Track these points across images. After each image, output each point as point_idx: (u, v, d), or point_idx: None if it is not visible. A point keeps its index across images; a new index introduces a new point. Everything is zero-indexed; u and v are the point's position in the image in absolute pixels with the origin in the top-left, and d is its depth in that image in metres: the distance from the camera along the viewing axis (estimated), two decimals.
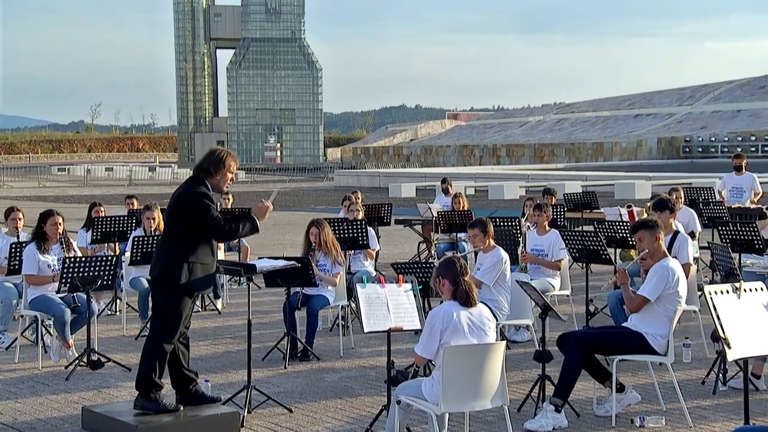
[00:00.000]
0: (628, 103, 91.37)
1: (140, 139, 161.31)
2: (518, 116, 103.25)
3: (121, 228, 12.38)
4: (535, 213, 10.79)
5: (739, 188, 16.15)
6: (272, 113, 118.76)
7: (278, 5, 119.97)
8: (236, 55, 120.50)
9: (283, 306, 9.80)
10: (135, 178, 62.96)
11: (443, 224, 14.78)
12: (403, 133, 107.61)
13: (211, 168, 7.12)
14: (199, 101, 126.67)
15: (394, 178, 45.12)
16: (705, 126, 77.12)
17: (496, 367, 5.99)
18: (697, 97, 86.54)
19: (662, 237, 7.45)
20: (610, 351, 7.32)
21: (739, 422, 7.21)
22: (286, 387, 8.49)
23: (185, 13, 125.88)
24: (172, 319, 7.04)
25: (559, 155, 71.68)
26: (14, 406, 7.93)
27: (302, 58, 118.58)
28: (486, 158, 77.04)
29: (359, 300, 6.59)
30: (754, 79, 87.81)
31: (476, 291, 6.10)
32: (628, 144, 70.92)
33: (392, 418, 6.19)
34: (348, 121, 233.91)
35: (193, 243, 6.99)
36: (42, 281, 9.40)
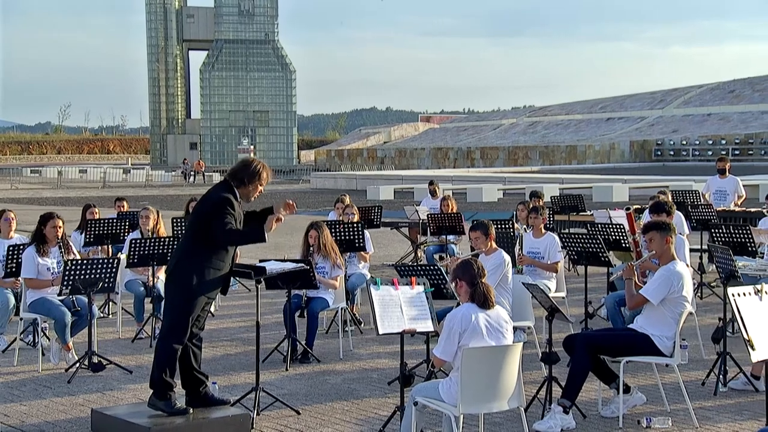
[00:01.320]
0: (600, 107, 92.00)
1: (111, 141, 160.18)
2: (491, 119, 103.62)
3: (114, 230, 12.33)
4: (532, 215, 10.87)
5: (722, 191, 16.35)
6: (245, 115, 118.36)
7: (251, 7, 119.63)
8: (209, 56, 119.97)
9: (283, 308, 9.81)
10: (109, 180, 62.54)
11: (433, 226, 14.84)
12: (376, 136, 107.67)
13: (245, 178, 7.16)
14: (172, 103, 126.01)
15: (372, 181, 45.18)
16: (676, 130, 77.82)
17: (513, 368, 6.06)
18: (668, 101, 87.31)
19: (673, 240, 7.54)
20: (617, 352, 7.41)
21: (743, 423, 7.35)
22: (289, 389, 8.51)
23: (157, 15, 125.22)
24: (181, 318, 7.04)
25: (533, 158, 72.05)
26: (19, 408, 7.90)
27: (276, 60, 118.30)
28: (460, 161, 77.25)
29: (373, 302, 6.62)
30: (723, 83, 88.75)
31: (494, 293, 6.15)
32: (601, 147, 71.42)
33: (408, 420, 6.23)
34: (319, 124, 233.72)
35: (209, 245, 7.02)
36: (41, 284, 9.36)
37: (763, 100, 79.12)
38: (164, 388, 7.02)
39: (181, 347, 7.04)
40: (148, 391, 8.35)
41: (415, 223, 17.08)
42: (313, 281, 9.43)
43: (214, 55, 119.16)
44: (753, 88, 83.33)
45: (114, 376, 8.98)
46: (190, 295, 7.05)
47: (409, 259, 17.69)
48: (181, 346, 7.03)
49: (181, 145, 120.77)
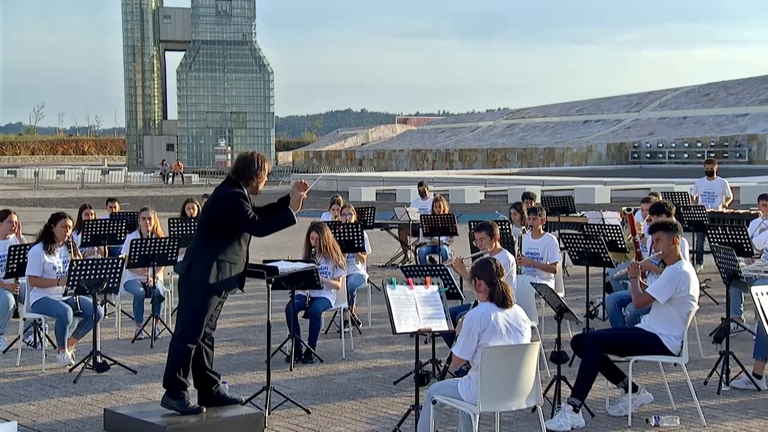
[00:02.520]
0: (577, 109, 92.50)
1: (85, 142, 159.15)
2: (469, 121, 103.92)
3: (111, 231, 12.31)
4: (531, 216, 10.94)
5: (710, 193, 16.51)
6: (223, 116, 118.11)
7: (229, 8, 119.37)
8: (186, 57, 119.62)
9: (286, 308, 9.84)
10: (87, 182, 62.17)
11: (426, 227, 14.90)
12: (353, 138, 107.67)
13: (250, 174, 7.20)
14: (148, 104, 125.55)
15: (352, 182, 45.20)
16: (652, 132, 78.37)
17: (531, 367, 6.12)
18: (644, 104, 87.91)
19: (680, 240, 7.64)
20: (626, 351, 7.49)
21: (750, 421, 7.45)
22: (296, 389, 8.53)
23: (134, 15, 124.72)
24: (196, 317, 7.06)
25: (511, 160, 72.32)
26: (28, 408, 7.89)
27: (253, 61, 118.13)
28: (439, 163, 77.42)
29: (389, 301, 6.66)
30: (698, 86, 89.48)
31: (512, 292, 6.21)
32: (579, 149, 71.81)
33: (426, 418, 6.28)
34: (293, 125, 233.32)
35: (223, 242, 7.05)
36: (46, 283, 9.34)
37: (737, 103, 79.84)
38: (178, 387, 7.04)
39: (195, 346, 7.05)
40: (155, 390, 8.42)
41: (405, 224, 17.14)
42: (317, 281, 9.46)
43: (191, 55, 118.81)
44: (728, 92, 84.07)
45: (118, 376, 8.98)
46: (206, 294, 7.08)
47: (398, 260, 17.76)
48: (195, 345, 7.05)
49: (158, 146, 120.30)
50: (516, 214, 13.20)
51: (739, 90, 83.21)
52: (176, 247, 10.81)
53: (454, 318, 7.51)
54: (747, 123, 74.03)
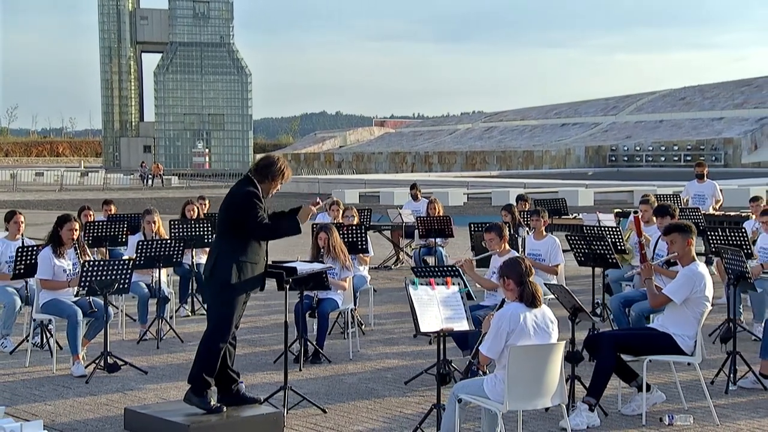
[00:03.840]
0: (555, 113, 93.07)
1: (60, 144, 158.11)
2: (447, 124, 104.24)
3: (112, 233, 12.31)
4: (533, 218, 11.05)
5: (701, 195, 16.72)
6: (200, 118, 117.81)
7: (206, 10, 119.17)
8: (163, 59, 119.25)
9: (294, 309, 9.88)
10: (65, 184, 61.80)
11: (422, 229, 14.99)
12: (332, 140, 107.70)
13: (270, 175, 7.26)
14: (125, 105, 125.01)
15: (334, 185, 45.23)
16: (630, 135, 78.96)
17: (556, 366, 6.21)
18: (620, 108, 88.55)
19: (694, 242, 7.75)
20: (640, 351, 7.59)
21: (762, 420, 7.58)
22: (308, 389, 8.57)
23: (110, 16, 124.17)
24: (224, 318, 7.12)
25: (490, 163, 72.64)
26: (45, 408, 7.90)
27: (231, 63, 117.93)
28: (418, 165, 77.62)
29: (412, 301, 6.73)
30: (674, 90, 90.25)
31: (541, 291, 6.30)
32: (558, 152, 72.24)
33: (451, 417, 6.34)
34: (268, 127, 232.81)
35: (243, 241, 7.10)
36: (57, 286, 9.35)
37: (713, 107, 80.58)
38: (203, 385, 7.08)
39: (225, 346, 7.11)
40: (169, 390, 8.48)
41: (398, 226, 17.22)
42: (326, 282, 9.52)
43: (169, 57, 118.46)
44: (703, 96, 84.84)
45: (129, 377, 9.00)
46: (233, 293, 7.13)
47: (391, 262, 17.84)
48: (225, 344, 7.11)
49: (135, 147, 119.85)
50: (507, 216, 13.33)
51: (714, 94, 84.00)
52: (181, 249, 10.83)
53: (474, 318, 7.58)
54: (722, 126, 74.76)
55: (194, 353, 7.99)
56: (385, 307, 13.01)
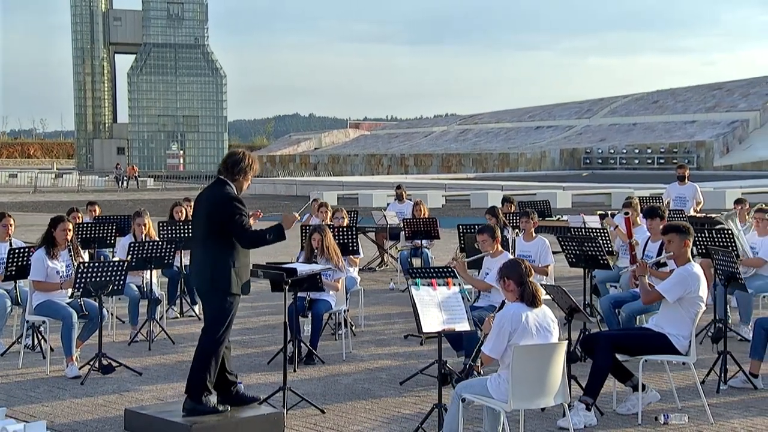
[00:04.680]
0: (529, 115, 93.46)
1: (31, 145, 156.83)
2: (422, 126, 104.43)
3: (101, 234, 12.27)
4: (523, 220, 11.14)
5: (682, 197, 16.90)
6: (175, 120, 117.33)
7: (180, 11, 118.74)
8: (137, 60, 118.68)
9: (288, 310, 9.88)
10: (39, 186, 61.34)
11: (408, 231, 15.04)
12: (307, 142, 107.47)
13: (240, 173, 7.22)
14: (98, 107, 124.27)
15: (312, 187, 45.21)
16: (604, 138, 79.44)
17: (559, 365, 6.28)
18: (594, 111, 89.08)
19: (690, 243, 7.86)
20: (635, 351, 7.68)
21: (755, 419, 7.69)
22: (304, 390, 8.58)
23: (83, 17, 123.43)
24: (225, 323, 7.15)
25: (466, 165, 72.85)
26: (43, 409, 7.88)
27: (205, 65, 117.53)
28: (394, 167, 77.70)
29: (414, 302, 6.78)
30: (647, 94, 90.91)
31: (541, 291, 6.37)
32: (533, 155, 72.58)
33: (454, 416, 6.40)
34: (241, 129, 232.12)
35: (233, 245, 7.09)
36: (50, 287, 9.32)
37: (685, 110, 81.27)
38: (204, 390, 7.09)
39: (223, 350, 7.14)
40: (165, 391, 8.49)
41: (383, 228, 17.26)
42: (319, 284, 9.55)
43: (143, 58, 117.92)
44: (675, 99, 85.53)
45: (124, 378, 8.99)
46: (234, 300, 7.17)
47: (375, 264, 17.89)
48: (223, 349, 7.13)
49: (108, 149, 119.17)
50: (491, 219, 13.40)
51: (686, 97, 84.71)
52: (173, 250, 10.83)
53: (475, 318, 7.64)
54: (695, 130, 75.42)
55: (186, 354, 8.03)
56: (372, 308, 13.05)
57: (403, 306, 13.34)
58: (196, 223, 7.45)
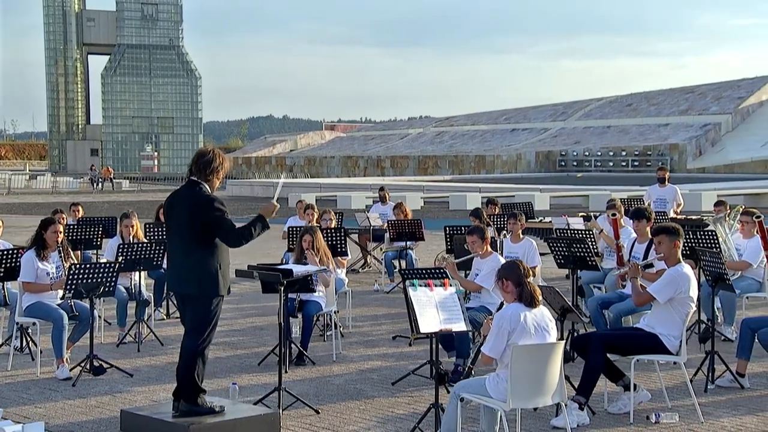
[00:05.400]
0: (505, 118, 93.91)
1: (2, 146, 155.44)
2: (398, 128, 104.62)
3: (87, 236, 12.24)
4: (510, 221, 11.22)
5: (662, 199, 17.04)
6: (149, 121, 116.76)
7: (155, 12, 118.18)
8: (111, 61, 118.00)
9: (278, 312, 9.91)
10: (13, 187, 60.85)
11: (393, 232, 15.09)
12: (282, 144, 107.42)
13: (212, 171, 7.16)
14: (71, 108, 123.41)
15: (290, 189, 45.13)
16: (578, 141, 79.95)
17: (556, 365, 6.35)
18: (569, 113, 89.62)
19: (680, 244, 7.96)
20: (627, 351, 7.77)
21: (744, 418, 7.79)
22: (297, 390, 8.60)
23: (56, 17, 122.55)
24: (212, 325, 7.15)
25: (442, 167, 73.07)
26: (36, 411, 7.86)
27: (180, 66, 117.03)
28: (371, 169, 77.79)
29: (412, 302, 6.83)
30: (621, 97, 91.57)
31: (539, 292, 6.44)
32: (509, 157, 72.92)
33: (452, 415, 6.45)
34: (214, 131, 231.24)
35: (216, 246, 7.07)
36: (40, 289, 9.29)
37: (658, 113, 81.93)
38: (198, 391, 7.09)
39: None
40: (158, 392, 8.50)
41: (366, 230, 17.29)
42: (311, 285, 9.58)
43: (116, 59, 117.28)
44: (649, 102, 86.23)
45: (116, 379, 8.98)
46: (219, 299, 7.17)
47: (358, 266, 17.91)
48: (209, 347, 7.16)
49: (82, 150, 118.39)
50: (476, 221, 13.48)
51: (660, 101, 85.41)
52: (162, 252, 10.82)
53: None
54: (668, 132, 76.07)
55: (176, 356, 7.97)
56: (358, 309, 13.08)
57: (389, 307, 13.39)
58: (173, 226, 7.26)
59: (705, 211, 26.87)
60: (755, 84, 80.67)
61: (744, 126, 74.93)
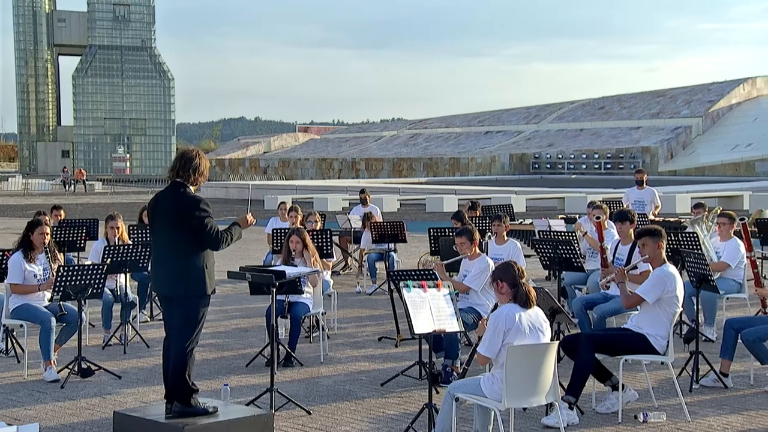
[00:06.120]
0: (479, 120, 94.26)
1: None
2: (372, 131, 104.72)
3: (71, 238, 12.19)
4: (495, 223, 11.30)
5: (640, 201, 17.19)
6: (121, 123, 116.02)
7: (127, 13, 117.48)
8: (82, 62, 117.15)
9: (266, 313, 9.94)
10: None
11: (375, 235, 15.13)
12: (256, 146, 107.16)
13: (196, 172, 7.17)
14: (42, 109, 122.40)
15: (266, 191, 45.05)
16: (552, 144, 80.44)
17: (550, 365, 6.43)
18: (542, 116, 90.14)
19: (664, 245, 8.08)
20: (616, 351, 7.87)
21: (729, 417, 7.91)
22: (287, 391, 8.61)
23: (26, 18, 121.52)
24: (200, 325, 7.18)
25: (417, 169, 73.22)
26: (26, 413, 7.84)
27: (153, 68, 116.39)
28: (345, 171, 77.81)
29: (406, 303, 6.88)
30: (593, 100, 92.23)
31: (534, 293, 6.52)
32: (483, 159, 73.20)
33: (447, 415, 6.51)
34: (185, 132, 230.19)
35: (202, 248, 7.09)
36: (27, 290, 9.26)
37: (630, 116, 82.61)
38: (191, 392, 7.11)
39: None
40: (148, 394, 8.51)
41: (347, 232, 17.32)
42: (299, 287, 9.61)
43: (88, 60, 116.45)
44: (621, 105, 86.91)
45: (104, 381, 8.97)
46: (206, 300, 7.20)
47: (339, 267, 17.94)
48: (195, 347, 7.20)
49: (53, 152, 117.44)
50: (457, 224, 13.56)
51: (632, 104, 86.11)
52: (147, 254, 10.80)
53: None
54: (640, 135, 76.72)
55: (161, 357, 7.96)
56: (342, 311, 13.11)
57: (372, 309, 13.44)
58: (159, 227, 7.24)
59: (679, 214, 27.17)
60: (725, 88, 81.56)
61: (714, 129, 75.72)
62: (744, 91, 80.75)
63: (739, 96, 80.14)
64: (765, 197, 32.30)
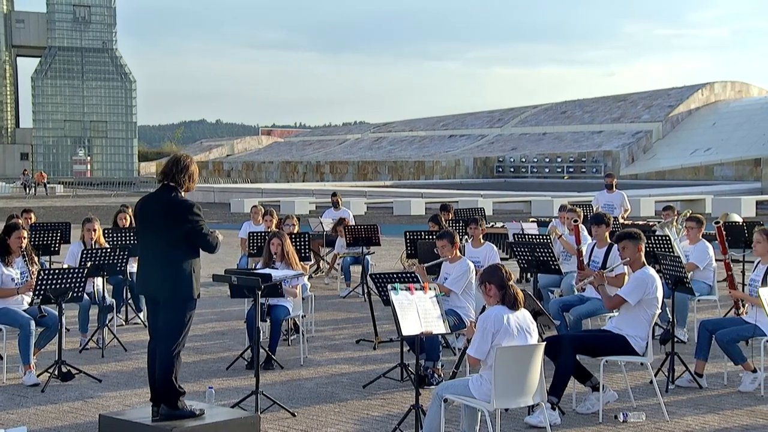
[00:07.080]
0: (442, 124, 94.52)
1: None
2: (337, 134, 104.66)
3: (45, 241, 12.12)
4: (471, 226, 11.41)
5: (610, 205, 17.44)
6: (82, 125, 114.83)
7: (87, 14, 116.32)
8: (42, 63, 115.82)
9: (246, 316, 9.96)
10: None
11: (349, 238, 15.19)
12: (219, 149, 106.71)
13: (188, 177, 7.23)
14: (0, 111, 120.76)
15: (231, 194, 44.95)
16: (515, 147, 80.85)
17: (537, 366, 6.53)
18: (506, 120, 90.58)
19: (643, 248, 8.23)
20: (596, 352, 8.00)
21: (706, 416, 8.07)
22: (270, 394, 8.65)
23: None
24: (187, 328, 7.21)
25: (382, 173, 73.32)
26: (9, 417, 7.81)
27: (114, 70, 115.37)
28: (310, 175, 77.71)
29: (393, 306, 6.95)
30: (555, 104, 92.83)
31: (522, 295, 6.61)
32: (447, 163, 73.47)
33: (435, 416, 6.59)
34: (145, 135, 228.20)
35: (194, 251, 7.16)
36: (5, 294, 9.22)
37: (592, 120, 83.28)
38: (178, 395, 7.12)
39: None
40: (130, 397, 8.50)
41: (319, 235, 17.35)
42: (279, 289, 9.64)
43: (47, 62, 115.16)
44: (583, 110, 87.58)
45: (84, 385, 8.94)
46: (193, 304, 7.23)
47: (312, 271, 17.96)
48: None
49: (11, 155, 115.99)
50: (434, 226, 13.68)
51: (593, 108, 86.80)
52: (126, 257, 10.78)
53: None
54: (602, 139, 77.36)
55: (141, 361, 8.02)
56: (318, 314, 13.14)
57: (347, 312, 13.49)
58: (149, 230, 7.26)
59: (645, 217, 27.51)
60: (684, 93, 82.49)
61: (674, 134, 76.58)
62: (702, 96, 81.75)
63: (698, 101, 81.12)
64: (727, 201, 32.78)
